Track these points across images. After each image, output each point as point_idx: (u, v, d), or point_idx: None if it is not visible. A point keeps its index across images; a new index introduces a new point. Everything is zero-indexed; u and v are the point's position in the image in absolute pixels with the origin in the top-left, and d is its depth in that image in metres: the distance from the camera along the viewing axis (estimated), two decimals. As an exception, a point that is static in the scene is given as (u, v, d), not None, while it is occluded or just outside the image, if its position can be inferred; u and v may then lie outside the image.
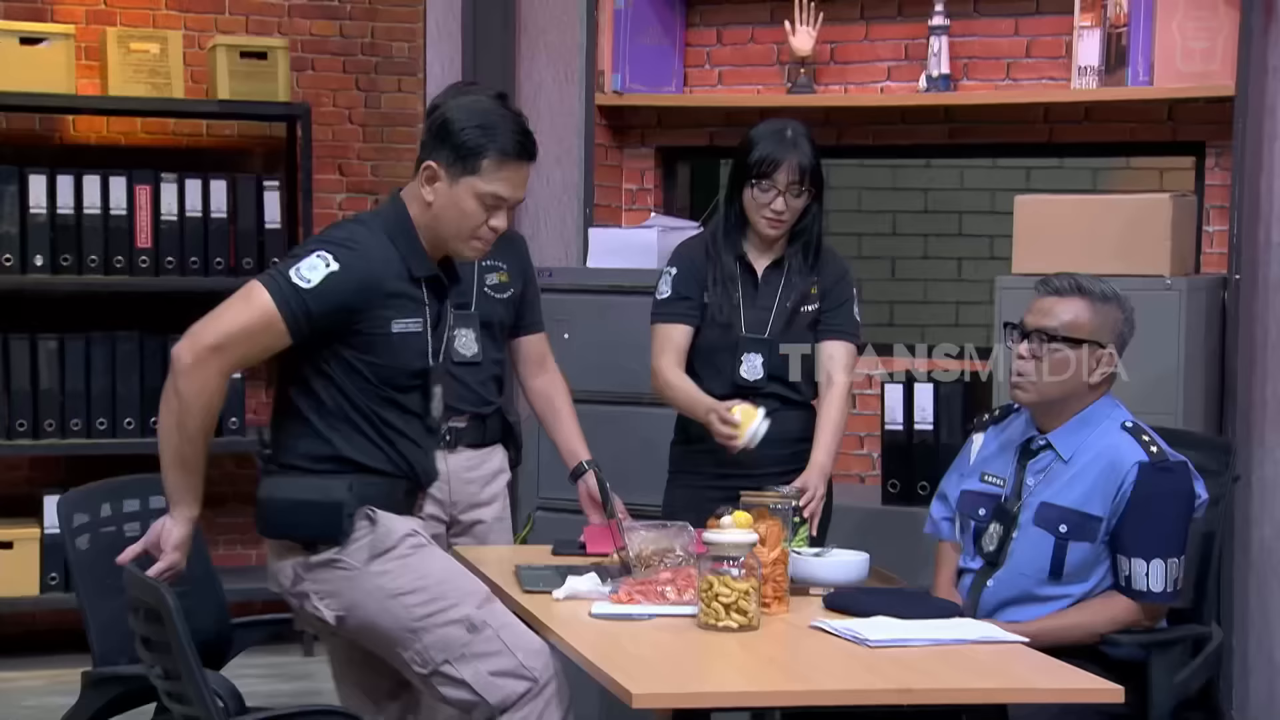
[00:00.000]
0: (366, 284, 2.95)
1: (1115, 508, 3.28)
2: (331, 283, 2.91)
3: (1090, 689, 2.82)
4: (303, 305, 2.90)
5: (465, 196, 2.99)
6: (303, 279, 2.90)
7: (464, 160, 2.97)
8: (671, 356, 3.80)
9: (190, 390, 2.90)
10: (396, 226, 3.02)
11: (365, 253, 2.97)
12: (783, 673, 2.86)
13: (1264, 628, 4.45)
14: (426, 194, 3.01)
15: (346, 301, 2.94)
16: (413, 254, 3.02)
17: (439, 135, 3.00)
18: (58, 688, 4.77)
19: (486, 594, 3.07)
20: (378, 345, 2.98)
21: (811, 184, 3.72)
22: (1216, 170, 4.50)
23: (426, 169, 3.00)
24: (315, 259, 2.92)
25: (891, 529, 4.30)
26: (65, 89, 5.24)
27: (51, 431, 5.25)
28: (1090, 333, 3.34)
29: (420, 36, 5.72)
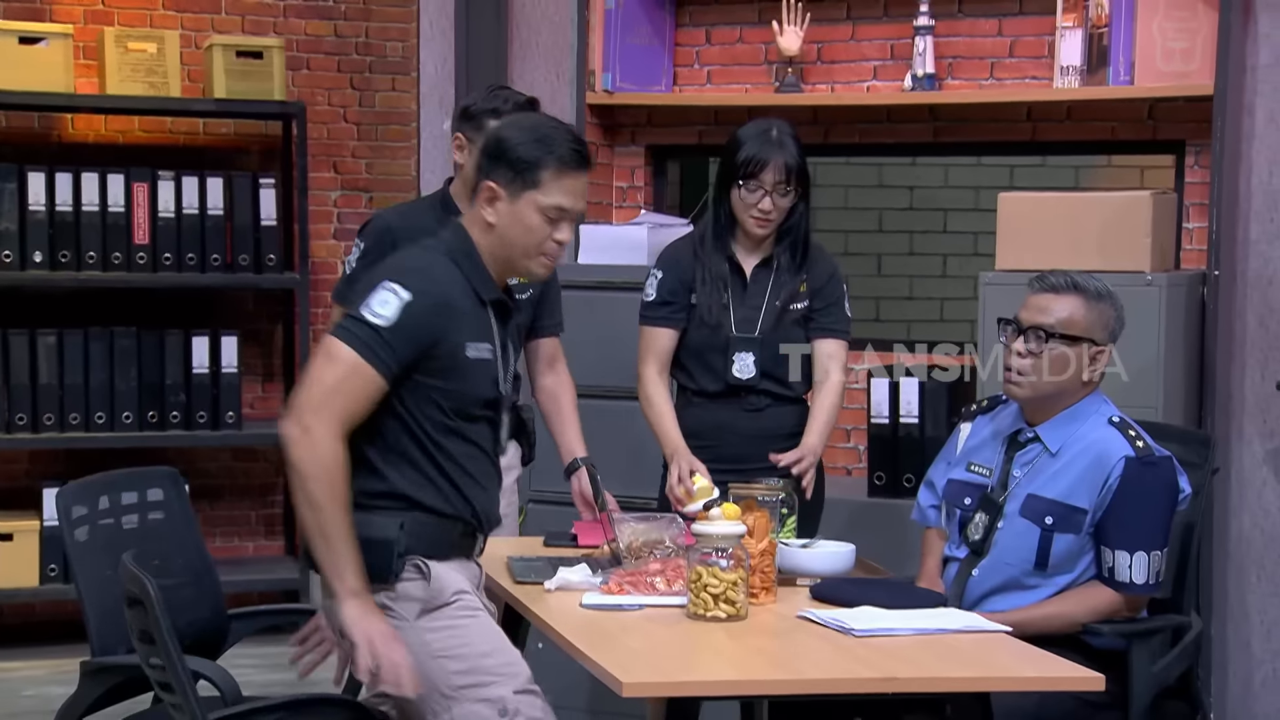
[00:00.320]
0: (441, 307, 2.88)
1: (1101, 500, 3.31)
2: (408, 313, 2.83)
3: (1071, 677, 2.86)
4: (384, 344, 2.82)
5: (528, 212, 2.92)
6: (377, 316, 2.83)
7: (523, 175, 2.91)
8: (655, 363, 3.83)
9: (304, 459, 2.79)
10: (460, 250, 2.95)
11: (433, 275, 2.90)
12: (770, 662, 2.89)
13: (1242, 617, 4.50)
14: (488, 215, 2.94)
15: (426, 327, 2.86)
16: (478, 277, 2.95)
17: (494, 155, 2.93)
18: (57, 677, 4.81)
19: (527, 678, 2.93)
20: (453, 370, 2.89)
21: (798, 183, 3.74)
22: (1196, 168, 4.53)
23: (485, 190, 2.93)
24: (384, 293, 2.84)
25: (877, 521, 4.35)
26: (63, 88, 5.25)
27: (50, 425, 5.27)
28: (1085, 330, 3.37)
29: (414, 36, 5.77)
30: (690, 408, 3.86)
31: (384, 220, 3.89)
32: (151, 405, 5.37)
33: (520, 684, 2.91)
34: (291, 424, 2.81)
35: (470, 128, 3.79)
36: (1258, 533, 4.47)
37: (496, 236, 2.95)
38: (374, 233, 3.85)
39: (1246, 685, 4.50)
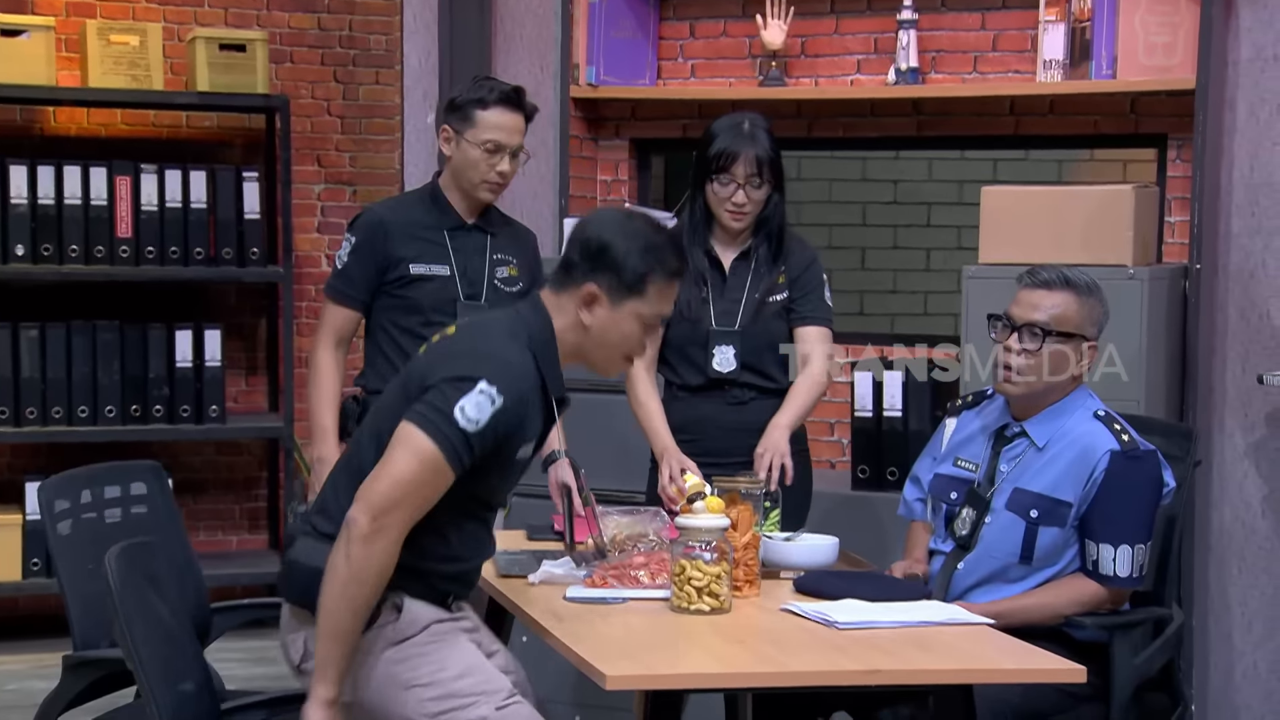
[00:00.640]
0: (521, 414, 2.81)
1: (1086, 494, 3.32)
2: (498, 420, 2.76)
3: (1053, 669, 2.87)
4: (469, 448, 2.75)
5: (628, 319, 2.88)
6: (470, 420, 2.74)
7: (630, 286, 2.86)
8: (642, 360, 3.84)
9: (365, 558, 2.70)
10: (541, 344, 2.87)
11: (522, 381, 2.81)
12: (754, 655, 2.89)
13: (1223, 609, 4.52)
14: (585, 317, 2.87)
15: (507, 433, 2.80)
16: (551, 375, 2.89)
17: (598, 260, 2.86)
18: (39, 671, 4.80)
19: (508, 692, 2.86)
20: (498, 468, 2.84)
21: (770, 175, 3.76)
22: (1178, 162, 4.55)
23: (587, 294, 2.86)
24: (481, 397, 2.74)
25: (861, 514, 4.36)
26: (46, 81, 5.24)
27: (33, 419, 5.26)
28: (1077, 326, 3.38)
29: (397, 29, 5.76)
30: (675, 402, 3.87)
31: (376, 214, 3.87)
32: (135, 399, 5.36)
33: (501, 699, 2.85)
34: (364, 516, 2.71)
35: (456, 119, 3.80)
36: (1239, 525, 4.49)
37: (590, 337, 2.90)
38: (366, 226, 3.84)
39: (1227, 677, 4.52)
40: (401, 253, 3.79)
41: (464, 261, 3.84)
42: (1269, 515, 4.46)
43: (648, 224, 2.93)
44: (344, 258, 3.84)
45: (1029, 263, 3.75)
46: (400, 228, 3.80)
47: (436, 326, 3.79)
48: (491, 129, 3.79)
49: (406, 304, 3.79)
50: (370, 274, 3.81)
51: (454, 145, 3.81)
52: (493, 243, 3.90)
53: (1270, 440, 4.44)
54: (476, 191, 3.84)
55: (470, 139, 3.79)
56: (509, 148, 3.81)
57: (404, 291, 3.79)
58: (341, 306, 3.84)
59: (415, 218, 3.84)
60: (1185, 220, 4.49)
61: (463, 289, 3.82)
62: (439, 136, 3.87)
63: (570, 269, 2.89)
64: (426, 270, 3.80)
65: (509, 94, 3.83)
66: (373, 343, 3.88)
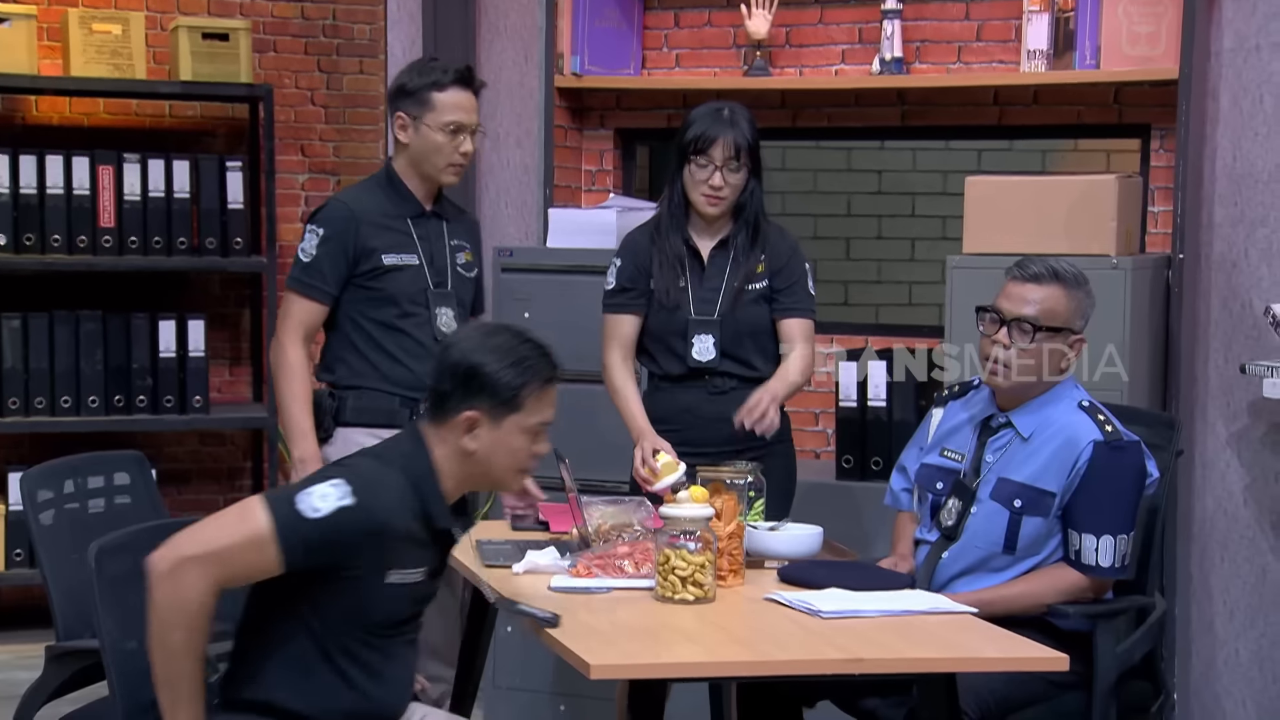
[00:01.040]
0: (376, 529, 2.70)
1: (1069, 484, 3.33)
2: (343, 518, 2.66)
3: (1036, 658, 2.88)
4: (303, 534, 2.64)
5: (513, 435, 2.81)
6: (312, 508, 2.65)
7: (507, 403, 2.79)
8: (618, 350, 3.85)
9: (164, 601, 2.60)
10: (417, 475, 2.78)
11: (384, 495, 2.73)
12: (738, 644, 2.90)
13: (1205, 598, 4.54)
14: (469, 443, 2.79)
15: (350, 541, 2.68)
16: (434, 503, 2.79)
17: (470, 384, 2.78)
18: (22, 662, 4.80)
19: None
20: (366, 594, 2.73)
21: (749, 160, 3.77)
22: (1161, 152, 4.56)
23: (467, 420, 2.77)
24: (329, 487, 2.68)
25: (845, 503, 4.37)
26: (27, 69, 5.22)
27: (15, 409, 5.25)
28: (1066, 320, 3.39)
29: (381, 19, 5.75)
30: (656, 393, 3.88)
31: (344, 206, 3.83)
32: (118, 389, 5.35)
33: None
34: (162, 558, 2.61)
35: (411, 105, 3.78)
36: (1221, 514, 4.51)
37: (478, 463, 2.81)
38: (336, 219, 3.80)
39: (1210, 665, 4.54)
40: (373, 244, 3.77)
41: (429, 249, 3.83)
42: (1251, 504, 4.47)
43: (512, 336, 2.87)
44: (311, 251, 3.79)
45: (1013, 253, 3.76)
46: (368, 218, 3.78)
47: (411, 318, 3.79)
48: (451, 110, 3.77)
49: (378, 295, 3.77)
50: (341, 267, 3.77)
51: (411, 132, 3.79)
52: (449, 229, 3.90)
53: (1252, 429, 4.46)
54: (441, 175, 3.82)
55: (430, 123, 3.77)
56: (469, 127, 3.79)
57: (376, 283, 3.77)
58: (310, 300, 3.80)
59: (380, 207, 3.81)
60: (1168, 210, 4.49)
61: (431, 278, 3.81)
62: (394, 124, 3.83)
63: (445, 399, 2.81)
64: (399, 260, 3.78)
65: (463, 73, 3.81)
66: (340, 337, 3.84)
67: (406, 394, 3.78)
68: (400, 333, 3.78)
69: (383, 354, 3.77)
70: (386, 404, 3.77)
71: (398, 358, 3.77)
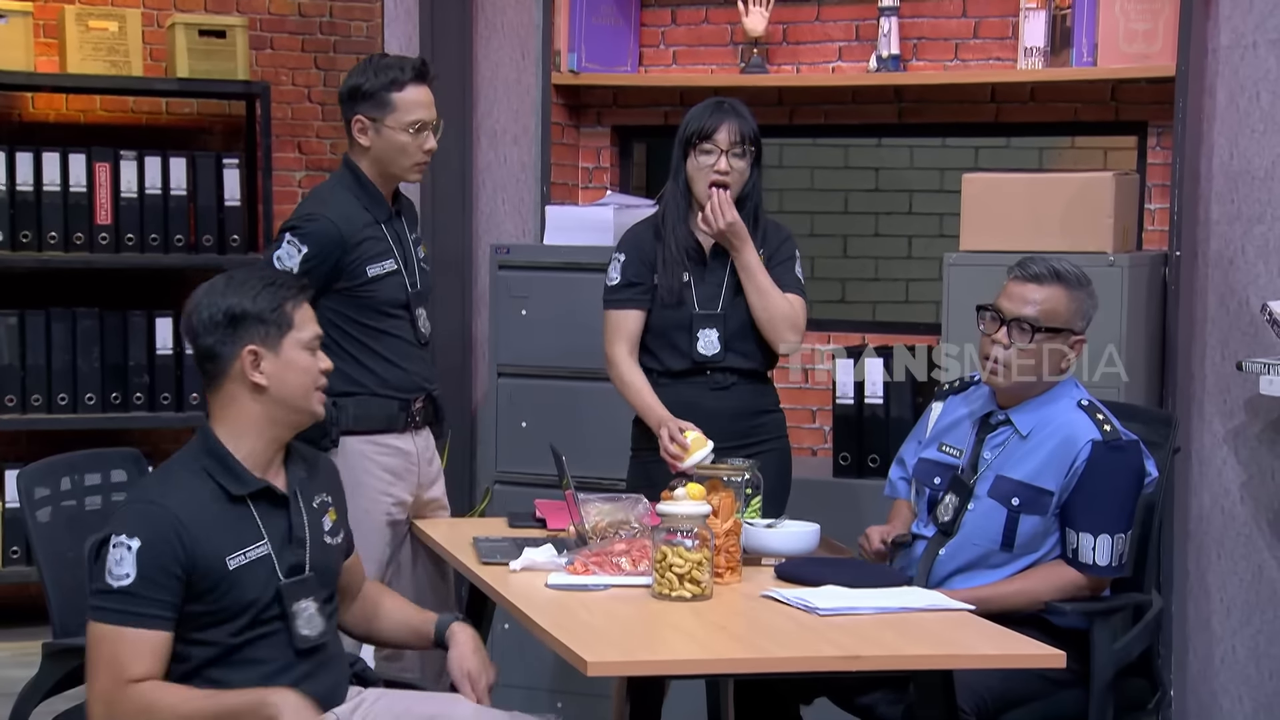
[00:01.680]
0: (174, 540, 2.79)
1: (1067, 483, 3.34)
2: (145, 558, 2.75)
3: (1033, 654, 2.89)
4: (141, 599, 2.74)
5: (294, 352, 2.91)
6: (116, 578, 2.74)
7: (278, 324, 2.89)
8: (625, 345, 3.84)
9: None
10: (200, 452, 2.90)
11: (163, 502, 2.81)
12: (735, 641, 2.90)
13: (1202, 596, 4.54)
14: (257, 379, 2.88)
15: (169, 569, 2.77)
16: (228, 474, 2.87)
17: (235, 326, 2.87)
18: (19, 659, 4.78)
19: None
20: (221, 593, 2.79)
21: (753, 148, 3.79)
22: (1158, 149, 4.56)
23: (247, 360, 2.86)
24: (116, 552, 2.76)
25: (842, 500, 4.37)
26: (24, 66, 5.21)
27: (12, 406, 5.23)
28: (1066, 321, 3.39)
29: (378, 15, 5.74)
30: (657, 389, 3.87)
31: (330, 225, 3.67)
32: (115, 386, 5.34)
33: None
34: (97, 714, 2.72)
35: (369, 107, 3.69)
36: (1218, 511, 4.51)
37: (273, 399, 2.86)
38: (321, 239, 3.66)
39: (1206, 662, 4.54)
40: (356, 259, 3.69)
41: (403, 252, 3.78)
42: (1247, 501, 4.47)
43: (244, 274, 2.91)
44: (293, 267, 3.64)
45: (1010, 250, 3.77)
46: (353, 235, 3.69)
47: (392, 319, 3.76)
48: (414, 108, 3.70)
49: (362, 301, 3.72)
50: (317, 284, 3.64)
51: (373, 134, 3.70)
52: (408, 223, 3.87)
53: (1249, 426, 4.46)
54: (407, 175, 3.76)
55: (392, 124, 3.69)
56: (431, 123, 3.74)
57: (360, 290, 3.73)
58: None
59: (358, 218, 3.72)
60: (1165, 207, 4.50)
61: (408, 281, 3.79)
62: (353, 128, 3.73)
63: (215, 358, 2.85)
64: (381, 269, 3.73)
65: (419, 68, 3.73)
66: (328, 344, 3.68)
67: (403, 396, 3.77)
68: (389, 335, 3.76)
69: (377, 358, 3.76)
70: (385, 409, 3.75)
71: (392, 360, 3.76)
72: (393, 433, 3.77)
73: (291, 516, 2.90)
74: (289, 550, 2.88)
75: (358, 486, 3.73)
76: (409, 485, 3.82)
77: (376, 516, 3.75)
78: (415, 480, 3.83)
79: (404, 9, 5.60)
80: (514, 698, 4.63)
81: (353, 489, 3.72)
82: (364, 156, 3.76)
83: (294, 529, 2.90)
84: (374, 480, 3.75)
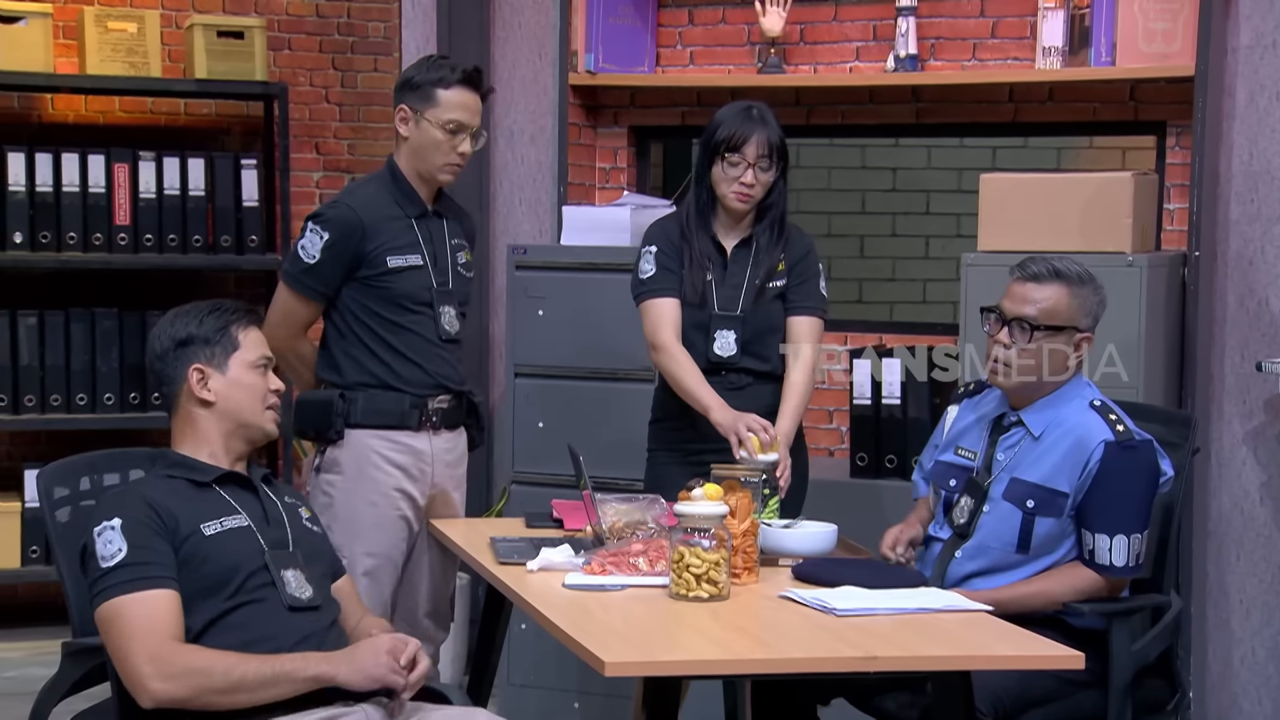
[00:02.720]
0: (142, 520, 2.90)
1: (1081, 484, 3.33)
2: (129, 535, 2.86)
3: (1051, 655, 2.88)
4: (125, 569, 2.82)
5: (241, 371, 3.05)
6: (105, 557, 2.83)
7: (223, 345, 3.05)
8: (670, 330, 3.81)
9: (175, 693, 2.75)
10: (174, 462, 3.05)
11: (137, 492, 2.95)
12: (752, 642, 2.90)
13: (1221, 596, 4.53)
14: (205, 395, 3.03)
15: (152, 536, 2.89)
16: (192, 469, 3.01)
17: (183, 350, 3.05)
18: (38, 659, 4.80)
19: None
20: (199, 556, 2.88)
21: (779, 159, 3.79)
22: (1177, 149, 4.55)
23: (194, 374, 3.03)
24: (108, 533, 2.86)
25: (859, 501, 4.37)
26: (43, 68, 5.22)
27: (32, 407, 5.25)
28: (1068, 318, 3.38)
29: (396, 16, 5.75)
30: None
31: (351, 213, 3.74)
32: (133, 386, 5.36)
33: None
34: (148, 687, 2.75)
35: (415, 98, 3.76)
36: (1237, 512, 4.50)
37: (221, 412, 3.01)
38: (342, 225, 3.72)
39: (1226, 664, 4.53)
40: (378, 248, 3.73)
41: (433, 250, 3.81)
42: (1267, 502, 4.46)
43: (190, 305, 3.09)
44: (314, 254, 3.73)
45: (1028, 250, 3.76)
46: (374, 224, 3.74)
47: (416, 315, 3.78)
48: (453, 109, 3.75)
49: (382, 293, 3.75)
50: (340, 273, 3.74)
51: (412, 125, 3.77)
52: (450, 228, 3.89)
53: (1269, 427, 4.45)
54: (437, 174, 3.80)
55: (431, 119, 3.75)
56: (470, 128, 3.77)
57: (381, 282, 3.75)
58: (308, 301, 3.78)
59: (385, 209, 3.77)
60: (1184, 207, 4.48)
61: (435, 278, 3.80)
62: (396, 116, 3.81)
63: (166, 381, 3.04)
64: (403, 262, 3.76)
65: (470, 74, 3.79)
66: (344, 334, 3.79)
67: (418, 393, 3.78)
68: (408, 331, 3.77)
69: (393, 352, 3.77)
70: (397, 404, 3.76)
71: (409, 356, 3.77)
72: (405, 429, 3.77)
73: (262, 499, 3.02)
74: (269, 530, 2.98)
75: (363, 479, 3.74)
76: (421, 485, 3.82)
77: (384, 510, 3.76)
78: (429, 480, 3.83)
79: (422, 9, 5.60)
80: (531, 697, 4.64)
81: (359, 482, 3.74)
82: (402, 149, 3.81)
83: (267, 510, 3.01)
84: (381, 475, 3.75)
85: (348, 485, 3.76)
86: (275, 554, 2.94)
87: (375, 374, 3.76)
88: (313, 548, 3.04)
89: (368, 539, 3.75)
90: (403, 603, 3.87)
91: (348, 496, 3.75)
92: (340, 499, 3.76)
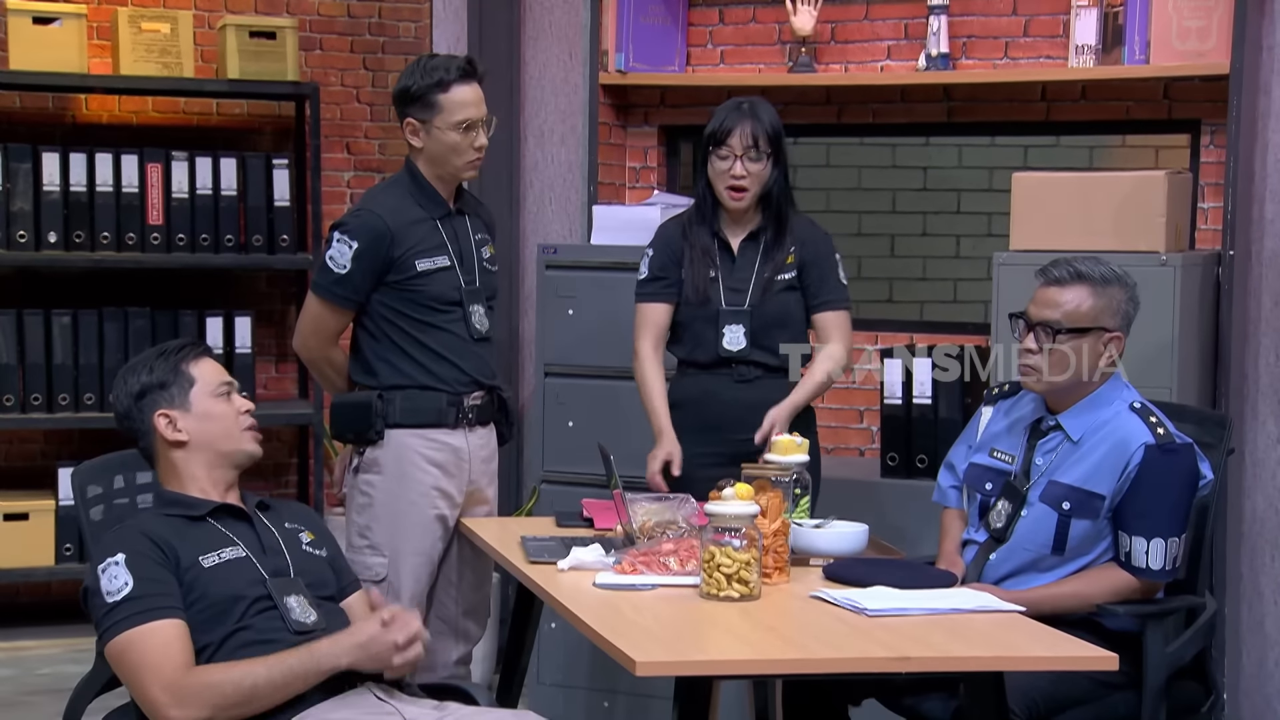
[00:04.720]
0: (151, 542, 2.93)
1: (1120, 487, 3.31)
2: (133, 569, 2.88)
3: (1085, 657, 2.87)
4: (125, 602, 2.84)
5: (204, 402, 3.06)
6: (110, 593, 2.85)
7: (178, 384, 3.06)
8: (649, 339, 3.91)
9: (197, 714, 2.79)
10: (168, 501, 3.06)
11: (133, 528, 2.97)
12: (783, 642, 2.89)
13: (1255, 598, 4.50)
14: (178, 436, 3.04)
15: (156, 569, 2.92)
16: (183, 504, 3.04)
17: (144, 400, 3.06)
18: (72, 656, 4.84)
19: None
20: (197, 586, 2.90)
21: (769, 147, 3.79)
22: (1211, 148, 4.52)
23: (162, 425, 3.05)
24: (114, 569, 2.88)
25: (890, 501, 4.36)
26: (77, 68, 5.26)
27: (65, 405, 5.29)
28: (1094, 319, 3.36)
29: (427, 16, 5.77)
30: (684, 377, 3.95)
31: (378, 220, 3.74)
32: (165, 385, 5.38)
33: None
34: (168, 716, 2.78)
35: (418, 110, 3.73)
36: (1272, 513, 4.47)
37: (197, 447, 3.01)
38: (369, 233, 3.72)
39: (1260, 665, 4.50)
40: (406, 254, 3.74)
41: (459, 248, 3.82)
42: (1302, 503, 4.43)
43: (136, 359, 3.10)
44: (345, 264, 3.73)
45: (1060, 249, 3.74)
46: (401, 228, 3.74)
47: (447, 315, 3.79)
48: (461, 108, 3.73)
49: (412, 296, 3.76)
50: (371, 280, 3.75)
51: (424, 135, 3.75)
52: (472, 224, 3.89)
53: (1303, 428, 4.42)
54: (461, 174, 3.80)
55: (441, 125, 3.73)
56: (481, 120, 3.77)
57: (411, 285, 3.76)
58: (341, 310, 3.79)
59: (409, 213, 3.77)
60: (1218, 206, 4.46)
61: (463, 277, 3.81)
62: (405, 130, 3.78)
63: (139, 435, 3.06)
64: (432, 264, 3.77)
65: (465, 67, 3.76)
66: (378, 338, 3.79)
67: (453, 390, 3.79)
68: (440, 330, 3.78)
69: (428, 352, 3.78)
70: (434, 403, 3.78)
71: (443, 355, 3.78)
72: (442, 428, 3.78)
73: (257, 529, 3.02)
74: (267, 559, 2.98)
75: (404, 479, 3.76)
76: (459, 482, 3.83)
77: (424, 510, 3.78)
78: (466, 477, 3.84)
79: (452, 9, 5.61)
80: (561, 696, 4.65)
81: (399, 481, 3.75)
82: (419, 157, 3.81)
83: (263, 539, 3.01)
84: (420, 474, 3.77)
85: (388, 484, 3.77)
86: (276, 582, 2.95)
87: (411, 374, 3.77)
88: (316, 573, 3.05)
89: (408, 537, 3.77)
90: (440, 600, 3.89)
91: (388, 496, 3.77)
92: (380, 498, 3.78)
